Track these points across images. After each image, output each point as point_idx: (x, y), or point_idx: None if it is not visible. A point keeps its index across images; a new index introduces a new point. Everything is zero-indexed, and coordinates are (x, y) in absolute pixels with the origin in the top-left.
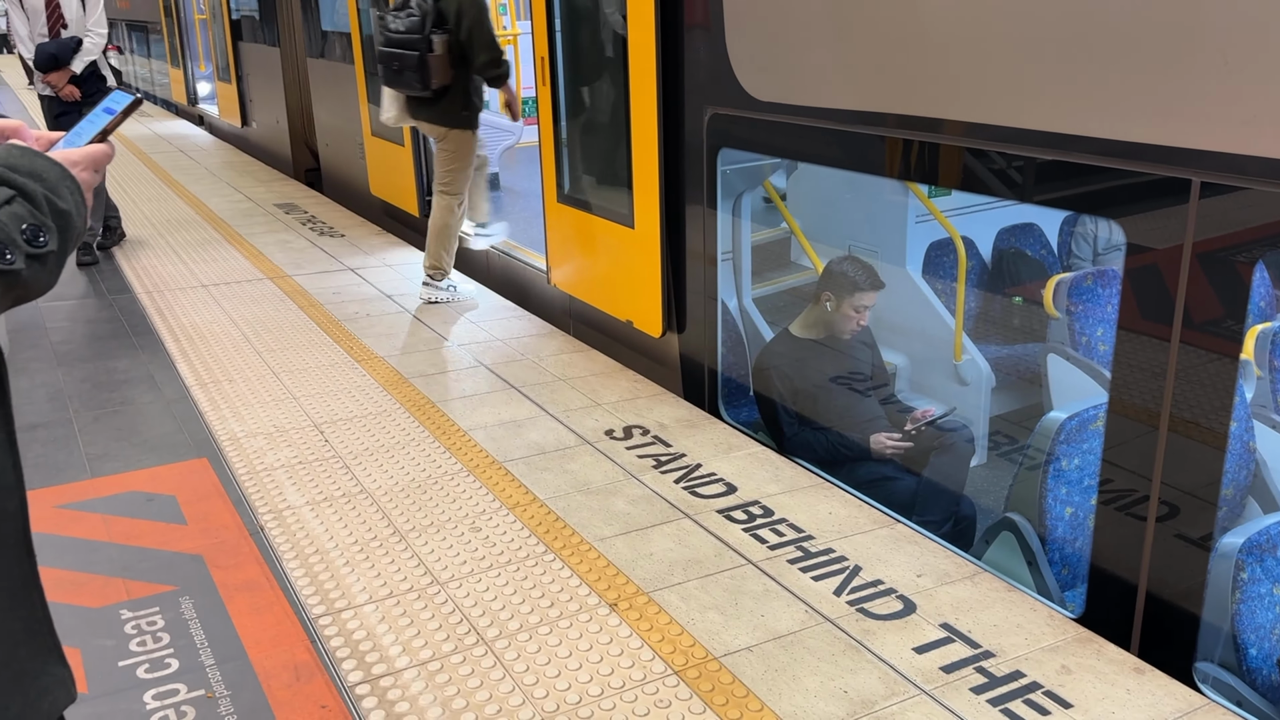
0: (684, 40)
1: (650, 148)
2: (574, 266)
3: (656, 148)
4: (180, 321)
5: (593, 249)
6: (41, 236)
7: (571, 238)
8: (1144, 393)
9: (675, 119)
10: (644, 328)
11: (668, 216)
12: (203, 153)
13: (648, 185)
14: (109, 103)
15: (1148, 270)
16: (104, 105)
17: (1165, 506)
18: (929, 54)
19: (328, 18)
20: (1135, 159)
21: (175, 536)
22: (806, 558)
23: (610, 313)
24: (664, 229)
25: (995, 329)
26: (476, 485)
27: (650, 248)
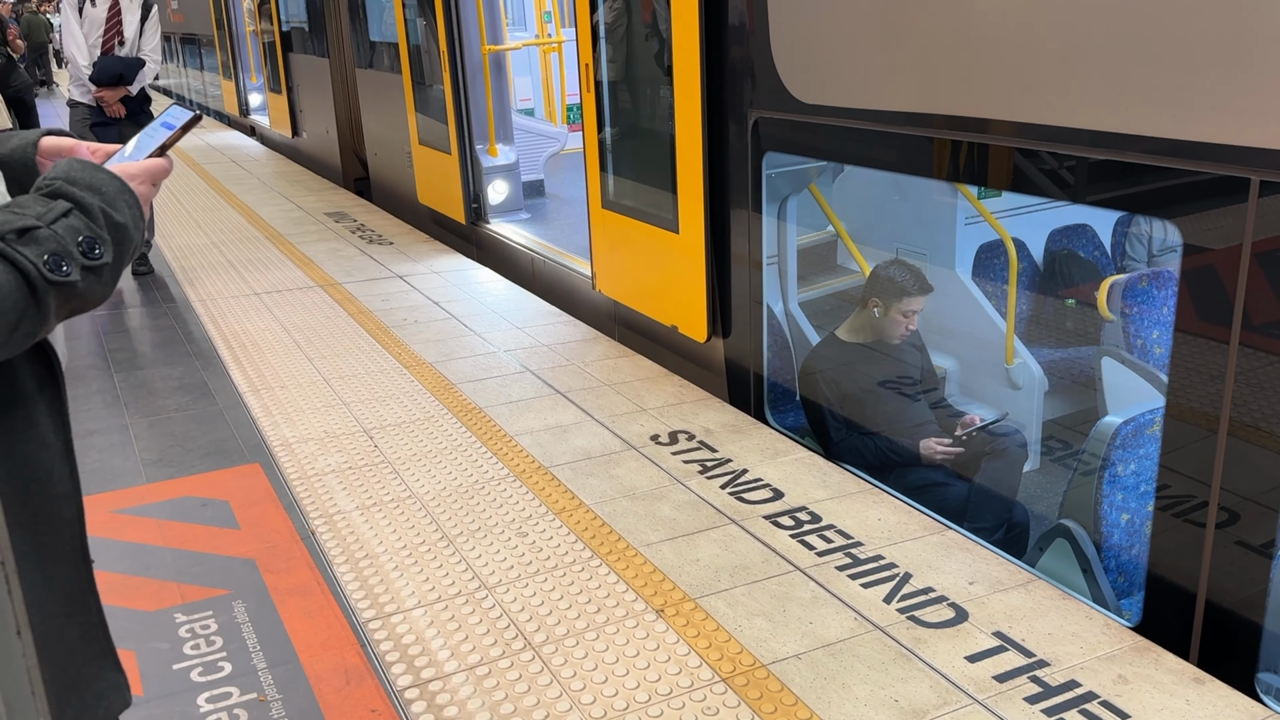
0: (728, 45)
1: (694, 153)
2: (619, 272)
3: (700, 153)
4: (233, 328)
5: (637, 254)
6: (97, 249)
7: (616, 243)
8: (1202, 396)
9: (719, 124)
10: (689, 333)
11: (712, 221)
12: (254, 163)
13: (692, 190)
14: (169, 118)
15: (1205, 271)
16: (163, 120)
17: (1225, 513)
18: (977, 53)
19: (376, 29)
20: (1191, 158)
21: (228, 541)
22: (855, 564)
23: (655, 318)
24: (708, 234)
25: (1047, 332)
26: (523, 490)
27: (695, 253)
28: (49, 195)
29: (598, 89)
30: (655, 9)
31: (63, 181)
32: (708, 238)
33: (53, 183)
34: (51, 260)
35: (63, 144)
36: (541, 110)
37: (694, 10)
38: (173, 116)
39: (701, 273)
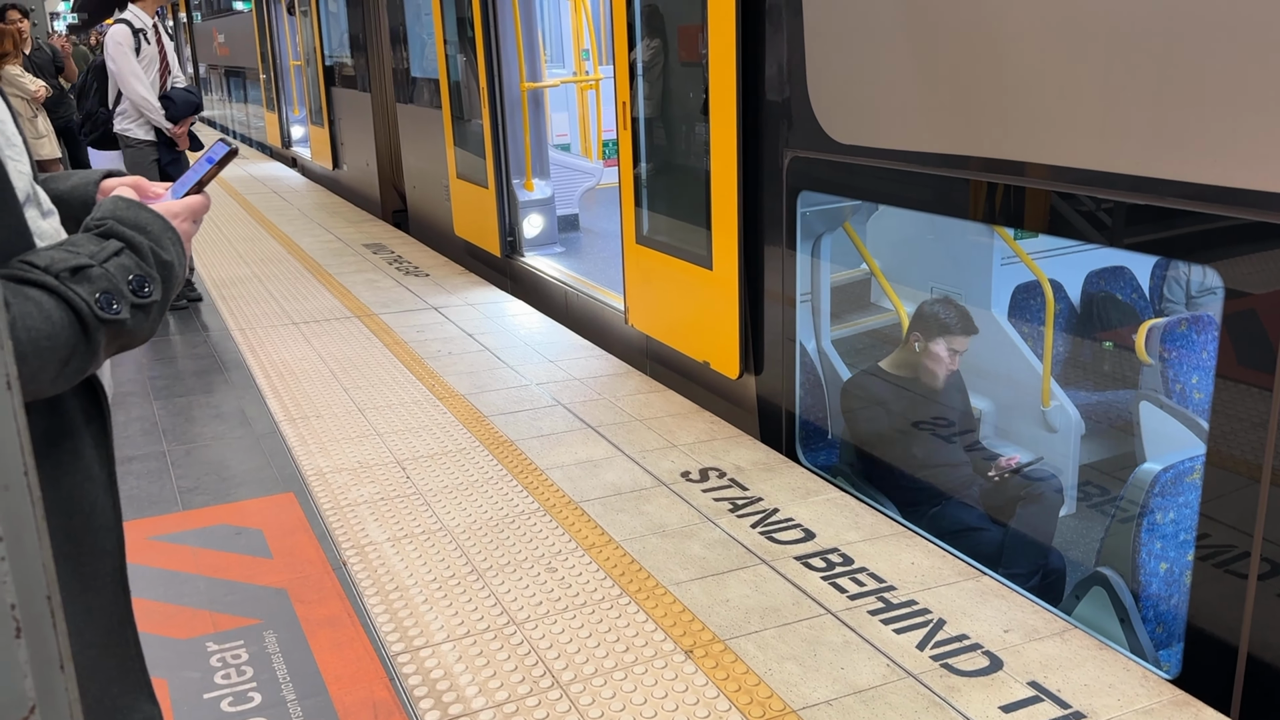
0: (764, 84)
1: (729, 190)
2: (652, 307)
3: (735, 190)
4: (271, 358)
5: (670, 290)
6: (146, 287)
7: (650, 279)
8: (1244, 444)
9: (753, 162)
10: (721, 369)
11: (745, 258)
12: (295, 194)
13: (727, 227)
14: (210, 153)
15: (1247, 316)
16: (206, 155)
17: (1267, 564)
18: (1014, 96)
19: (417, 65)
20: (1232, 204)
21: (261, 570)
22: (888, 609)
23: (687, 354)
24: (742, 271)
25: (1085, 374)
26: (553, 525)
27: (728, 290)
28: (101, 235)
29: (634, 125)
30: (693, 48)
31: (113, 221)
32: (741, 274)
33: (103, 222)
34: (103, 299)
35: (124, 182)
36: (578, 145)
37: (731, 49)
38: (214, 151)
39: (735, 309)
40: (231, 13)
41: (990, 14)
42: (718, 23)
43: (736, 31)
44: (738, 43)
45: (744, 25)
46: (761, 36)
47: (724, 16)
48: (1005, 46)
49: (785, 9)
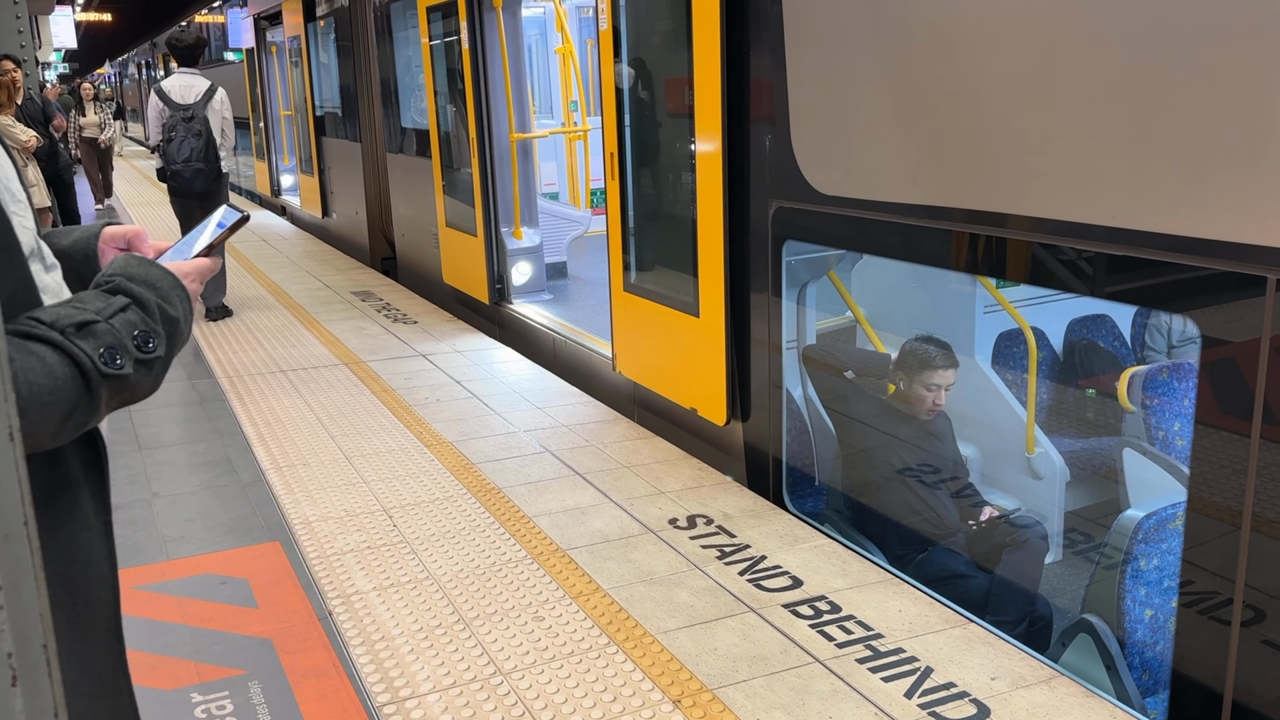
0: (749, 135)
1: (716, 239)
2: (640, 354)
3: (722, 239)
4: (259, 405)
5: (658, 337)
6: (151, 343)
7: (637, 326)
8: (1225, 490)
9: (740, 212)
10: (708, 415)
11: (732, 306)
12: (284, 241)
13: (713, 275)
14: (220, 218)
15: (1225, 364)
16: (215, 220)
17: (1250, 610)
18: (994, 150)
19: (407, 116)
20: (1208, 256)
21: (246, 620)
22: (876, 657)
23: (674, 400)
24: (729, 318)
25: (1068, 422)
26: (540, 573)
27: (715, 337)
28: (109, 291)
29: (621, 176)
30: (680, 100)
31: (122, 278)
32: (728, 322)
33: (113, 279)
34: (107, 354)
35: (125, 231)
36: (566, 194)
37: (717, 102)
38: (225, 217)
39: (721, 356)
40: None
41: (971, 70)
42: (703, 77)
43: (722, 85)
44: (723, 96)
45: (729, 78)
46: (746, 90)
47: (710, 71)
48: (985, 101)
49: (770, 64)
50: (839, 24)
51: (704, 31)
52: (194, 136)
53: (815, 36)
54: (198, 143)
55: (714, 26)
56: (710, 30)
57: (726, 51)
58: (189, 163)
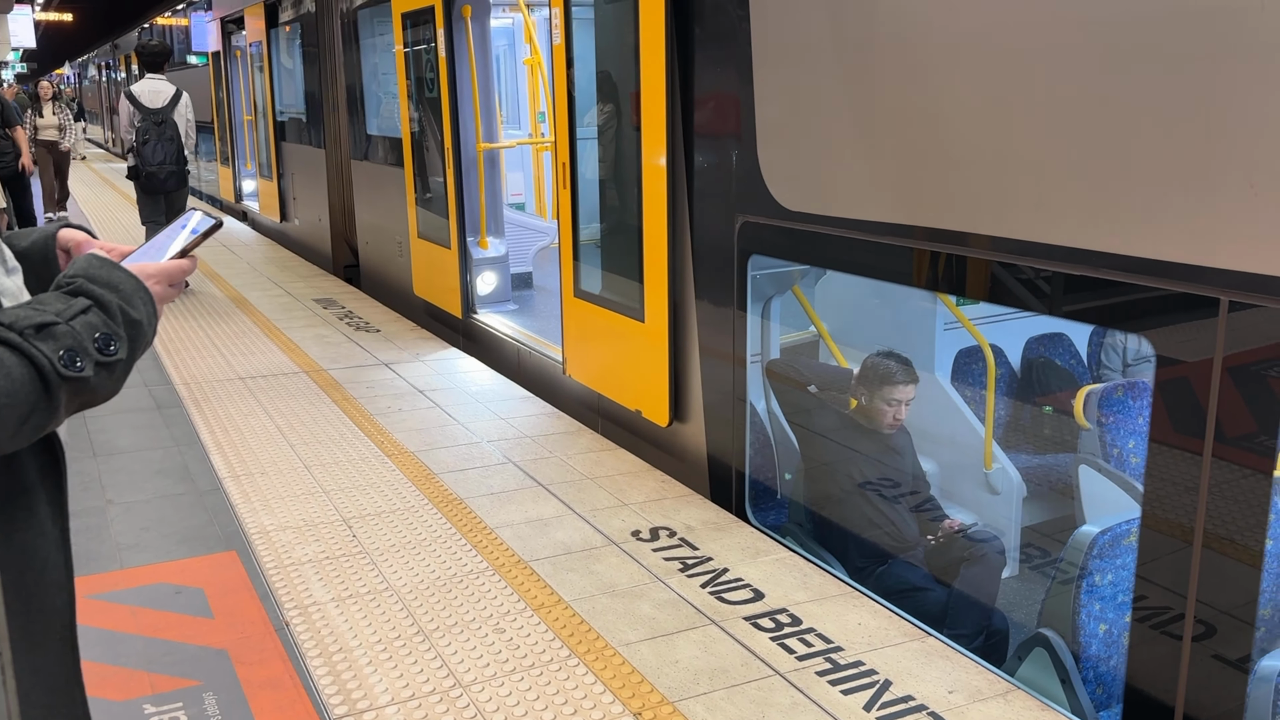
0: (712, 150)
1: (660, 247)
2: (588, 358)
3: (666, 247)
4: (217, 413)
5: (605, 341)
6: (112, 345)
7: (586, 330)
8: (1177, 507)
9: (703, 225)
10: (651, 417)
11: (674, 310)
12: (245, 247)
13: (657, 281)
14: (194, 224)
15: (1178, 383)
16: (187, 224)
17: (1201, 625)
18: (956, 169)
19: (373, 123)
20: (1163, 277)
21: (201, 630)
22: (835, 670)
23: (620, 402)
24: (672, 322)
25: (1025, 438)
26: (501, 585)
27: (659, 341)
28: (70, 293)
29: (573, 186)
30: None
31: (83, 279)
32: (671, 326)
33: (73, 280)
34: (66, 356)
35: (78, 236)
36: (532, 205)
37: (663, 118)
38: (195, 222)
39: (665, 360)
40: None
41: (934, 92)
42: (650, 93)
43: (667, 101)
44: (668, 111)
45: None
46: (691, 105)
47: (656, 87)
48: (948, 122)
49: (737, 81)
50: (805, 45)
51: (650, 50)
52: (167, 141)
53: (782, 56)
54: (171, 147)
55: (659, 46)
56: (656, 49)
57: (673, 69)
58: (163, 165)
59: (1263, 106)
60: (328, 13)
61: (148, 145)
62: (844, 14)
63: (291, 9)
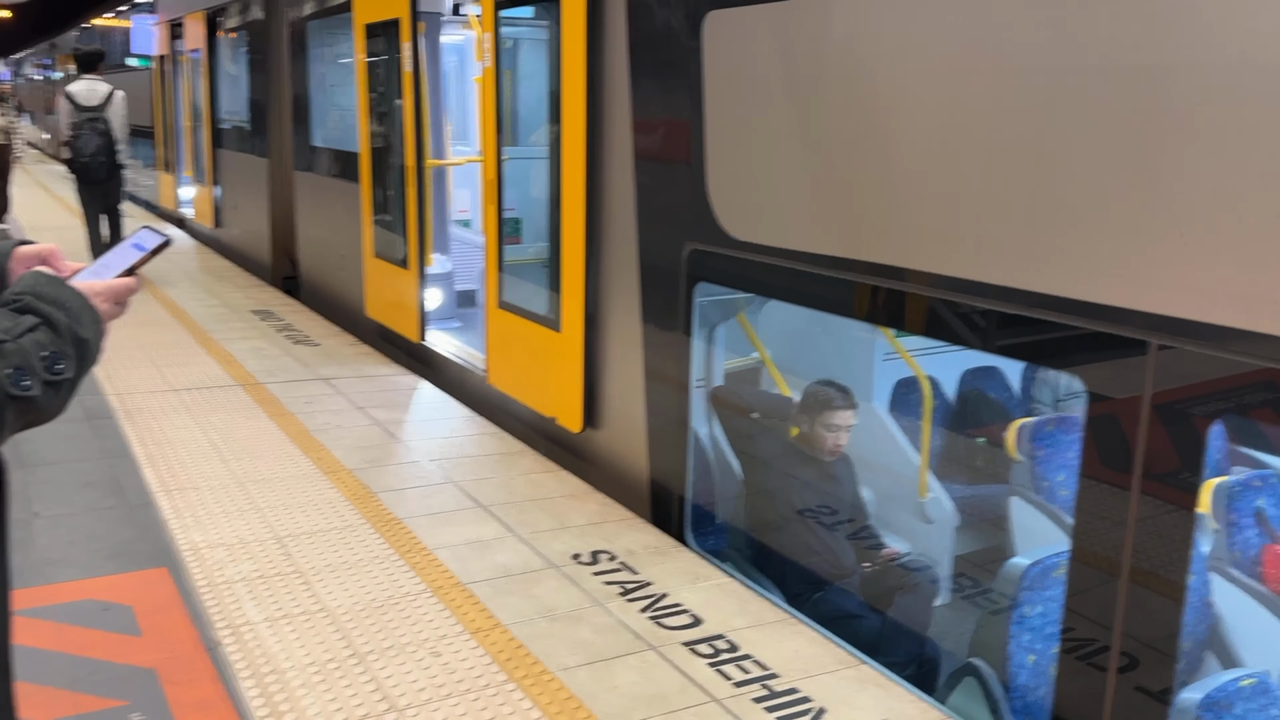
0: (663, 179)
1: (577, 261)
2: (509, 367)
3: (583, 261)
4: (149, 425)
5: (524, 351)
6: (60, 364)
7: (507, 340)
8: (1105, 541)
9: (650, 250)
10: (566, 424)
11: (589, 321)
12: (181, 255)
13: (574, 295)
14: (139, 240)
15: (1108, 420)
16: (134, 242)
17: (1126, 658)
18: (898, 208)
19: (319, 134)
20: (1096, 319)
21: (129, 649)
22: (771, 697)
23: (537, 409)
24: (587, 333)
25: (959, 469)
26: (439, 607)
27: (574, 350)
28: (18, 310)
29: (499, 202)
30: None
31: (31, 296)
32: (586, 337)
33: (20, 297)
34: (14, 375)
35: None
36: (479, 222)
37: (582, 142)
38: (144, 240)
39: (579, 369)
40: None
41: (880, 132)
42: (570, 119)
43: (585, 125)
44: (586, 135)
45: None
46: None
47: (575, 115)
48: (893, 162)
49: (689, 109)
50: (757, 79)
51: (571, 78)
52: (99, 135)
53: (734, 89)
54: (102, 140)
55: (580, 75)
56: (577, 77)
57: (592, 96)
58: (94, 156)
59: (1193, 160)
60: (275, 22)
61: (80, 138)
62: (795, 52)
63: (237, 16)
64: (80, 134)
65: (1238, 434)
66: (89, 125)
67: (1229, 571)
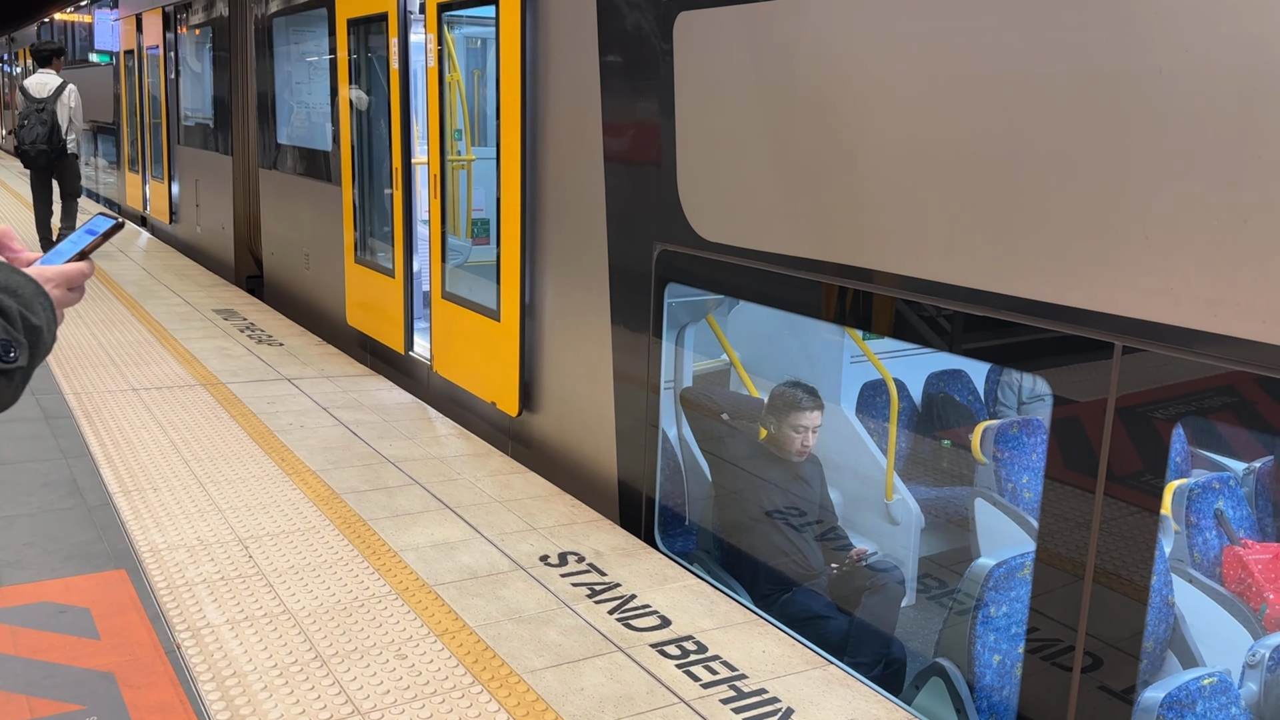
0: (634, 180)
1: (514, 254)
2: (452, 355)
3: (519, 254)
4: (108, 425)
5: (467, 340)
6: (12, 352)
7: (451, 330)
8: (1069, 543)
9: (619, 251)
10: (504, 408)
11: (525, 311)
12: (143, 254)
13: (511, 284)
14: (91, 225)
15: (1072, 423)
16: (86, 227)
17: (1090, 657)
18: (867, 210)
19: (284, 132)
20: (1062, 320)
21: (87, 652)
22: (739, 698)
23: (478, 395)
24: (524, 323)
25: (925, 471)
26: (404, 609)
27: (512, 338)
28: None
29: (442, 197)
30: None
31: None
32: (523, 326)
33: None
34: None
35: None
36: None
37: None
38: (95, 224)
39: (516, 355)
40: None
41: (851, 134)
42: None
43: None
44: (523, 136)
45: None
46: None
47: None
48: (862, 164)
49: (660, 111)
50: (728, 82)
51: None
52: (41, 124)
53: (705, 91)
54: (43, 129)
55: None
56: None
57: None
58: (35, 144)
59: (1157, 164)
60: (240, 19)
61: (24, 128)
62: (767, 54)
63: (202, 12)
64: (25, 123)
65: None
66: (35, 115)
67: (1190, 572)
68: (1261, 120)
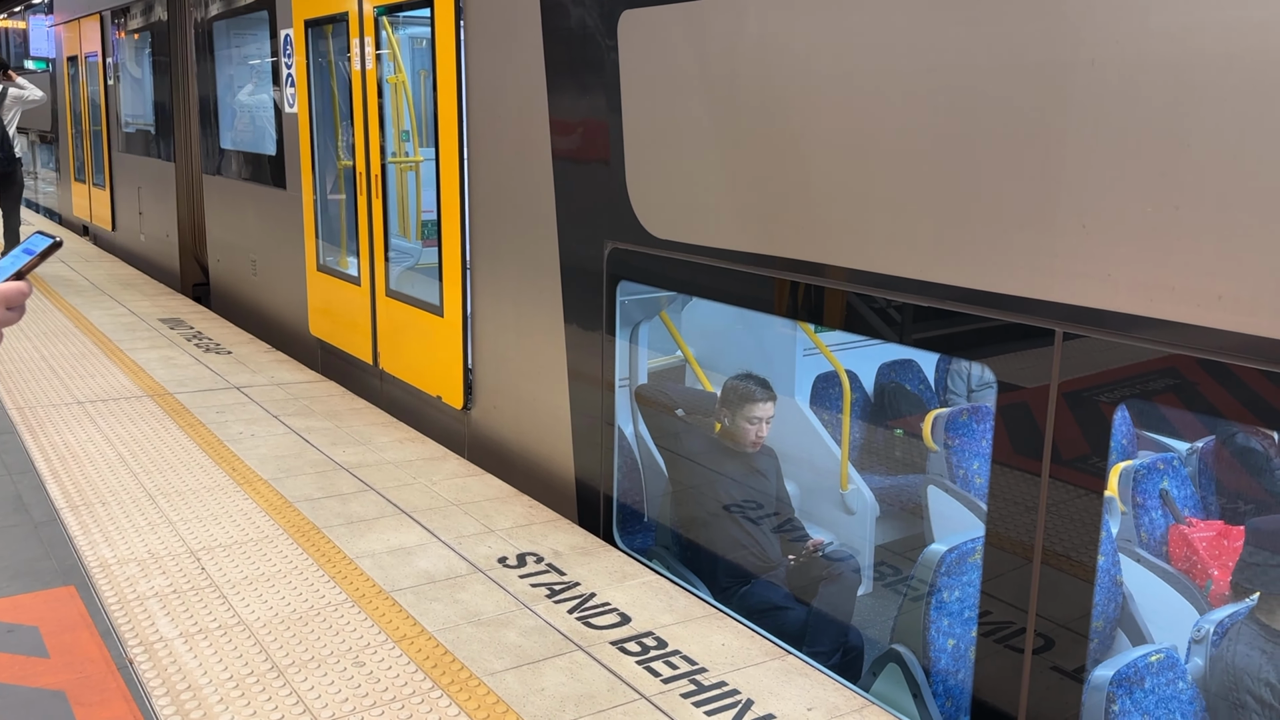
0: (582, 179)
1: (455, 252)
2: (397, 351)
3: (460, 253)
4: (53, 439)
5: (411, 336)
6: None
7: (396, 327)
8: (1018, 526)
9: (570, 250)
10: (449, 401)
11: (468, 307)
12: (86, 264)
13: (454, 282)
14: (29, 244)
15: (1018, 408)
16: (24, 246)
17: (1041, 639)
18: (814, 204)
19: (228, 137)
20: (1004, 309)
21: (36, 671)
22: (700, 691)
23: (423, 389)
24: (467, 318)
25: (878, 460)
26: (361, 617)
27: (455, 334)
28: None
29: (384, 197)
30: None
31: None
32: (466, 322)
33: None
34: None
35: None
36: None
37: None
38: (33, 243)
39: (459, 351)
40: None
41: (795, 130)
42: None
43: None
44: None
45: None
46: (577, 132)
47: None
48: (808, 159)
49: (607, 109)
50: (674, 78)
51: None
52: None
53: (651, 89)
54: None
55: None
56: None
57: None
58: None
59: (1092, 152)
60: (180, 21)
61: None
62: (709, 51)
63: (140, 17)
64: None
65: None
66: None
67: (1136, 551)
68: (1191, 110)
